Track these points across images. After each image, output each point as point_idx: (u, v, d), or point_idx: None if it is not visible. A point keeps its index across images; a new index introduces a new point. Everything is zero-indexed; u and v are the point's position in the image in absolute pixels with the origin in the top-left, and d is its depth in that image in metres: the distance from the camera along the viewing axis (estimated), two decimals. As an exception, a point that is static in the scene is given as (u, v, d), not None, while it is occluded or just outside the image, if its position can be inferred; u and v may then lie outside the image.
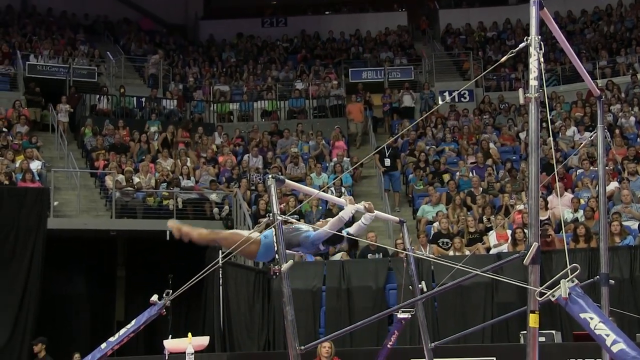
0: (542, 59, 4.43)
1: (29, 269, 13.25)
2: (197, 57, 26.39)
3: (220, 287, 12.26)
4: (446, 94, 22.39)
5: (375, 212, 8.65)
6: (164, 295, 5.77)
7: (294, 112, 22.61)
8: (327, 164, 18.29)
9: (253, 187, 16.96)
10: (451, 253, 13.51)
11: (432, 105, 21.44)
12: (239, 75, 24.81)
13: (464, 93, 22.36)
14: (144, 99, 21.91)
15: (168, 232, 16.15)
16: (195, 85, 23.94)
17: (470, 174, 16.81)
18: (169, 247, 16.54)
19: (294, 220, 6.56)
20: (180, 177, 17.21)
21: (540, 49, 4.43)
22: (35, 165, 16.68)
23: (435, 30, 28.48)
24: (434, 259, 9.76)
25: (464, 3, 29.71)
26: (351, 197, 6.35)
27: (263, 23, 29.10)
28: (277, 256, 5.58)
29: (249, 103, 22.94)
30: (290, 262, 5.60)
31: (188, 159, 18.24)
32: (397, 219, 8.47)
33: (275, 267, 5.57)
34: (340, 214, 6.11)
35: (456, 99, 21.67)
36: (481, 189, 16.00)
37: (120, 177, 16.64)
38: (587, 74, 6.48)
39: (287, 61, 25.79)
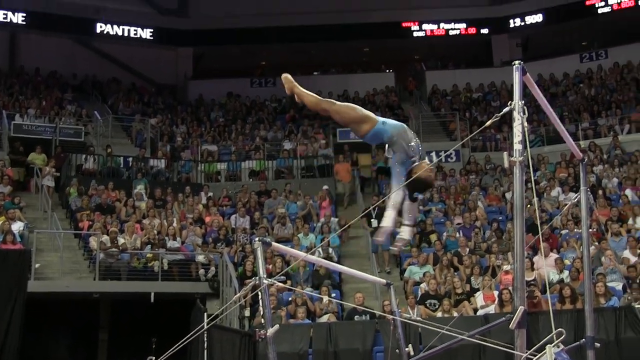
0: (525, 123, 4.48)
1: (7, 332, 12.94)
2: (185, 116, 26.56)
3: (205, 351, 12.08)
4: (433, 154, 22.52)
5: (362, 273, 8.64)
6: (147, 360, 5.69)
7: (282, 172, 22.68)
8: (315, 224, 18.27)
9: (240, 248, 16.90)
10: (439, 314, 13.45)
11: (420, 165, 21.52)
12: (227, 135, 24.93)
13: (451, 153, 22.51)
14: (130, 159, 21.90)
15: (152, 294, 16.12)
16: (183, 145, 24.03)
17: (457, 234, 16.83)
18: (154, 309, 16.45)
19: (281, 285, 6.56)
20: (167, 238, 17.12)
21: (524, 113, 4.48)
22: (17, 227, 16.45)
23: (422, 91, 28.86)
24: (421, 322, 9.70)
25: (450, 64, 30.19)
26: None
27: (252, 83, 29.39)
28: (262, 320, 5.54)
29: (237, 163, 23.00)
30: (276, 326, 5.56)
31: (174, 219, 18.18)
32: (383, 281, 8.46)
33: (261, 331, 5.53)
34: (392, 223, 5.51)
35: (443, 159, 21.82)
36: (468, 249, 16.02)
37: (105, 238, 16.50)
38: (569, 137, 6.55)
39: (275, 121, 25.97)
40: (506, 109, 4.53)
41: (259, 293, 5.61)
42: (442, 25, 29.59)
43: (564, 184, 18.64)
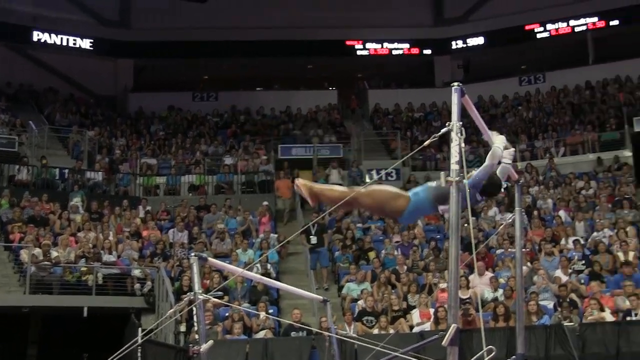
0: (463, 144, 4.53)
1: None
2: (124, 129, 26.20)
3: (139, 366, 11.86)
4: (374, 172, 22.70)
5: (299, 290, 8.62)
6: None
7: (222, 187, 22.53)
8: (254, 240, 18.18)
9: (177, 263, 16.70)
10: (376, 331, 13.50)
11: (360, 183, 21.67)
12: (167, 149, 24.67)
13: (391, 172, 22.68)
14: (67, 171, 21.47)
15: (85, 309, 15.77)
16: (122, 157, 23.67)
17: (396, 252, 16.95)
18: (87, 324, 16.10)
19: (217, 301, 6.52)
20: (102, 252, 16.81)
21: (462, 134, 4.52)
22: (-58, 239, 16.00)
23: (365, 109, 29.10)
24: (356, 339, 9.72)
25: (393, 84, 30.51)
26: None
27: (194, 97, 29.18)
28: (196, 336, 5.48)
29: (177, 177, 22.76)
30: (210, 342, 5.51)
31: (111, 232, 17.87)
32: (320, 297, 8.47)
33: (195, 347, 5.48)
34: (494, 148, 5.41)
35: (383, 177, 21.97)
36: (406, 267, 16.14)
37: (37, 250, 16.09)
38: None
39: (216, 136, 25.82)
40: (444, 130, 4.57)
41: (194, 308, 5.57)
42: (385, 44, 29.94)
43: (500, 204, 18.95)
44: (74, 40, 28.16)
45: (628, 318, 12.99)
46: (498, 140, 5.47)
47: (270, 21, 28.93)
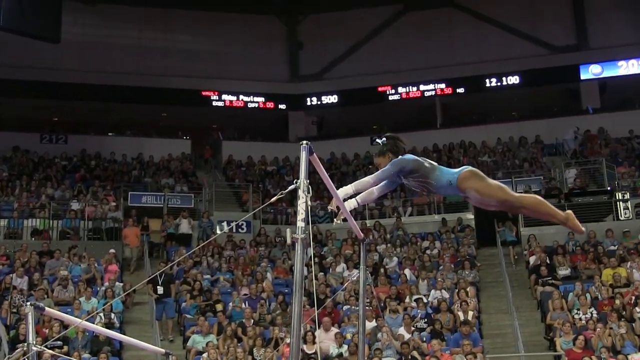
0: (309, 202, 4.66)
1: None
2: (-37, 168, 24.85)
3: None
4: (224, 223, 22.62)
5: (140, 342, 8.45)
6: None
7: (68, 233, 21.74)
8: (98, 289, 17.62)
9: (14, 310, 15.88)
10: (219, 386, 13.34)
11: (211, 234, 21.55)
12: (10, 191, 23.59)
13: (242, 224, 22.70)
14: None
15: None
16: (-40, 198, 22.41)
17: (243, 305, 16.91)
18: None
19: (51, 352, 6.27)
20: None
21: (308, 192, 4.66)
22: None
23: (218, 160, 29.10)
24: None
25: (247, 136, 30.75)
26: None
27: (42, 138, 28.08)
28: None
29: (19, 220, 21.75)
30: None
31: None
32: (162, 350, 8.31)
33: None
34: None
35: (234, 230, 21.96)
36: (252, 320, 16.12)
37: None
38: (351, 216, 6.83)
39: (64, 180, 24.96)
40: (291, 187, 4.71)
41: (26, 360, 5.37)
42: (241, 97, 30.18)
43: (348, 260, 19.34)
44: None
45: (465, 375, 13.54)
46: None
47: (124, 67, 28.55)
